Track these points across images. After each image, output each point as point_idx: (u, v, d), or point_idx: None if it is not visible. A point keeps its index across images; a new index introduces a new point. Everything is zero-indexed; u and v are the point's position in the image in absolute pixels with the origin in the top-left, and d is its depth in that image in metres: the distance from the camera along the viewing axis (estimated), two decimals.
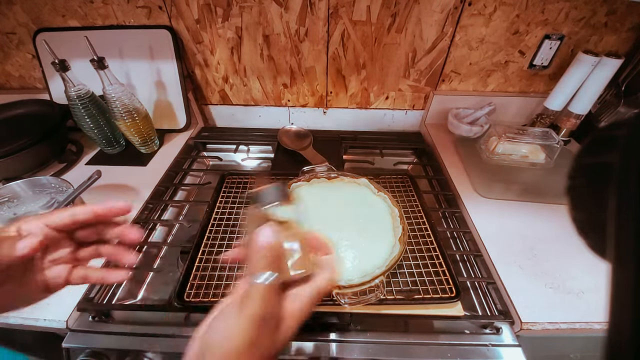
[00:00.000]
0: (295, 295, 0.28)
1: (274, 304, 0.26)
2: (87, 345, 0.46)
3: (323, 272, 0.30)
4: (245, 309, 0.24)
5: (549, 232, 0.60)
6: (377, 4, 0.72)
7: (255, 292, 0.25)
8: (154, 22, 0.78)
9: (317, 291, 0.28)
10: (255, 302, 0.24)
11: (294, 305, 0.27)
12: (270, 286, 0.26)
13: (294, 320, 0.26)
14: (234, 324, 0.24)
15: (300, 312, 0.27)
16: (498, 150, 0.77)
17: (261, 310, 0.24)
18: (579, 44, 0.77)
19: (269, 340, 0.24)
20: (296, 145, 0.86)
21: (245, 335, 0.23)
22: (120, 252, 0.34)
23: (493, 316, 0.50)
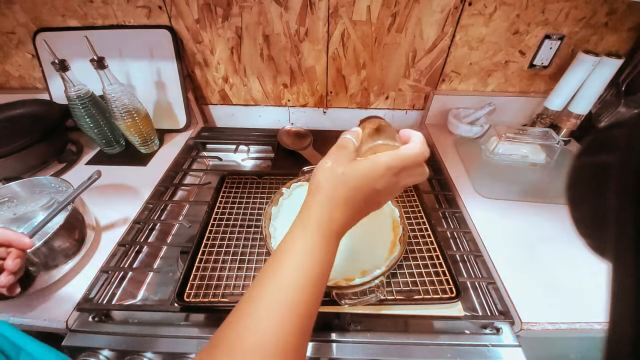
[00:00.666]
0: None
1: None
2: (87, 345, 0.46)
3: (411, 144, 0.33)
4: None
5: (549, 232, 0.60)
6: (377, 4, 0.72)
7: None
8: (154, 22, 0.78)
9: (399, 154, 0.32)
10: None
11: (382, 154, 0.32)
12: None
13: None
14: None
15: (386, 157, 0.32)
16: (498, 150, 0.77)
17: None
18: (579, 44, 0.77)
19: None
20: (296, 145, 0.86)
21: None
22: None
23: (493, 316, 0.50)
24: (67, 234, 0.51)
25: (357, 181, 0.31)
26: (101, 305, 0.51)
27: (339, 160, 0.33)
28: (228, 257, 0.55)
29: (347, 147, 0.34)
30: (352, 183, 0.31)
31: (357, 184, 0.31)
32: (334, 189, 0.31)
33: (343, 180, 0.31)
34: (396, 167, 0.31)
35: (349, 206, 0.31)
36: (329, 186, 0.32)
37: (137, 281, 0.58)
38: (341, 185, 0.31)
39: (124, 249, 0.59)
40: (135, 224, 0.63)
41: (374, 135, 0.35)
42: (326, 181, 0.32)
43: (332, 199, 0.31)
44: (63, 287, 0.52)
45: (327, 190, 0.32)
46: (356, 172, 0.31)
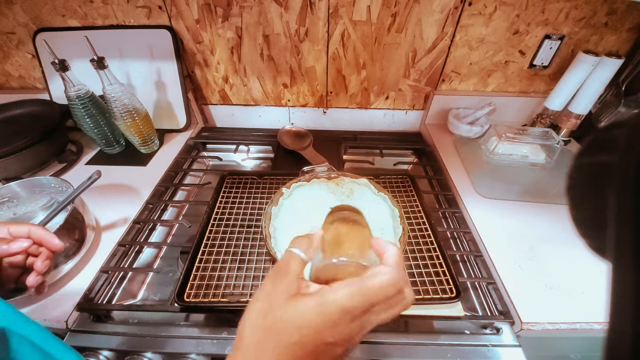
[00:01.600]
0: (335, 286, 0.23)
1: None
2: (87, 345, 0.46)
3: (380, 267, 0.24)
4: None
5: (549, 232, 0.60)
6: (377, 4, 0.72)
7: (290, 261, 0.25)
8: (154, 22, 0.78)
9: (361, 287, 0.23)
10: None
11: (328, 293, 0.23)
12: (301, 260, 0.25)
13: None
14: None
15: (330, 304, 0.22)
16: (498, 150, 0.77)
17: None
18: (579, 44, 0.77)
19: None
20: (296, 145, 0.86)
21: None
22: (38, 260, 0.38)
23: (493, 316, 0.50)
24: (67, 234, 0.51)
25: (296, 333, 0.21)
26: (101, 305, 0.51)
27: (272, 299, 0.23)
28: (228, 257, 0.55)
29: (288, 272, 0.24)
30: (287, 336, 0.22)
31: (296, 338, 0.21)
32: (260, 347, 0.22)
33: (274, 330, 0.22)
34: (357, 309, 0.22)
35: None
36: (253, 344, 0.22)
37: (137, 281, 0.58)
38: (271, 341, 0.22)
39: (124, 249, 0.59)
40: (135, 224, 0.63)
41: (336, 245, 0.26)
42: (250, 334, 0.23)
43: (256, 356, 0.22)
44: (63, 287, 0.52)
45: (251, 345, 0.22)
46: (297, 319, 0.22)
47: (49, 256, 0.38)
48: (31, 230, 0.37)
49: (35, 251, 0.38)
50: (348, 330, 0.22)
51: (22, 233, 0.37)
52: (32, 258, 0.38)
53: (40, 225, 0.38)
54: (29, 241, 0.36)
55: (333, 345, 0.22)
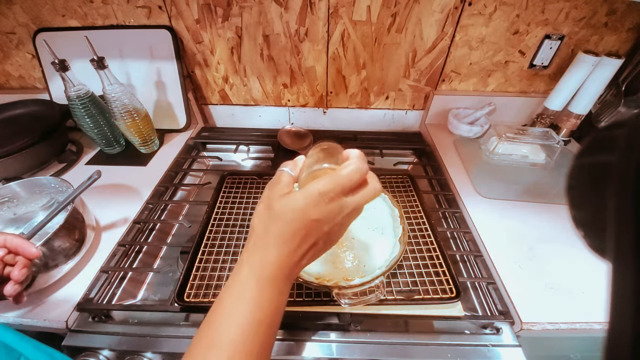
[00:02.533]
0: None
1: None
2: (87, 345, 0.46)
3: (346, 162, 0.30)
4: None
5: (549, 232, 0.60)
6: (377, 4, 0.72)
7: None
8: (154, 22, 0.78)
9: (333, 176, 0.29)
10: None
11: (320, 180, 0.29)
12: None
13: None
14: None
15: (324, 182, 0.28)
16: (498, 150, 0.77)
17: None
18: (579, 44, 0.77)
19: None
20: (296, 145, 0.86)
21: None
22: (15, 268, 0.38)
23: (493, 316, 0.50)
24: (67, 234, 0.51)
25: (288, 215, 0.28)
26: (101, 305, 0.51)
27: (271, 198, 0.30)
28: (228, 257, 0.55)
29: (280, 181, 0.31)
30: (283, 218, 0.28)
31: (288, 218, 0.28)
32: (265, 229, 0.29)
33: (273, 217, 0.29)
34: (331, 191, 0.28)
35: (285, 244, 0.29)
36: (261, 227, 0.30)
37: (137, 281, 0.58)
38: (272, 223, 0.29)
39: (124, 249, 0.59)
40: (135, 224, 0.63)
41: (317, 160, 0.32)
42: (258, 221, 0.30)
43: (263, 240, 0.29)
44: (63, 287, 0.52)
45: (258, 232, 0.30)
46: (287, 206, 0.28)
47: (26, 264, 0.37)
48: (6, 239, 0.37)
49: (11, 260, 0.37)
50: (328, 209, 0.28)
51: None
52: (10, 268, 0.37)
53: (16, 234, 0.38)
54: (3, 251, 0.36)
55: (318, 222, 0.28)
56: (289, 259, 0.29)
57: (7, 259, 0.37)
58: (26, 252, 0.37)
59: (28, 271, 0.38)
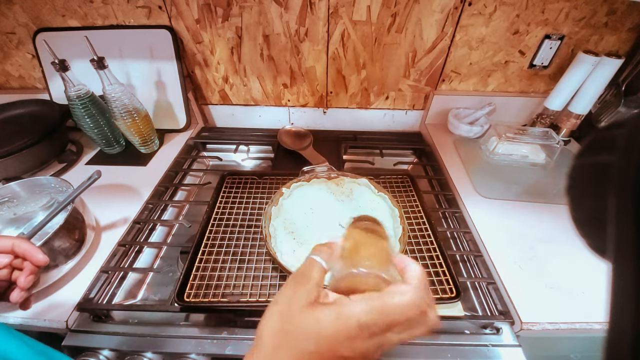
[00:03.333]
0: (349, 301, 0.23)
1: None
2: (87, 345, 0.46)
3: (402, 286, 0.23)
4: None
5: (549, 232, 0.60)
6: (377, 4, 0.72)
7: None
8: (154, 22, 0.78)
9: (381, 305, 0.22)
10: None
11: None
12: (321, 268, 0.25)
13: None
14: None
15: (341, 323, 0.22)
16: (498, 150, 0.77)
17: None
18: (579, 44, 0.77)
19: None
20: (296, 145, 0.86)
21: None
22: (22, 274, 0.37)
23: (493, 316, 0.50)
24: (67, 234, 0.51)
25: (313, 343, 0.22)
26: (101, 305, 0.51)
27: (292, 304, 0.23)
28: (228, 257, 0.55)
29: (309, 280, 0.25)
30: (305, 346, 0.22)
31: (312, 349, 0.22)
32: (275, 349, 0.22)
33: (289, 336, 0.22)
34: (374, 326, 0.22)
35: None
36: (269, 344, 0.23)
37: (137, 281, 0.58)
38: (285, 343, 0.22)
39: (124, 249, 0.59)
40: (135, 224, 0.63)
41: (356, 255, 0.26)
42: (267, 335, 0.23)
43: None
44: (63, 287, 0.52)
45: (266, 350, 0.23)
46: (310, 328, 0.22)
47: (33, 271, 0.37)
48: (14, 243, 0.36)
49: (19, 265, 0.37)
50: (365, 346, 0.22)
51: (5, 247, 0.36)
52: (18, 272, 0.37)
53: (24, 239, 0.38)
54: (9, 257, 0.36)
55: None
56: None
57: (15, 264, 0.37)
58: (34, 258, 0.37)
59: (35, 278, 0.37)
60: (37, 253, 0.37)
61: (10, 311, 0.48)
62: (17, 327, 0.48)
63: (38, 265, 0.37)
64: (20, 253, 0.37)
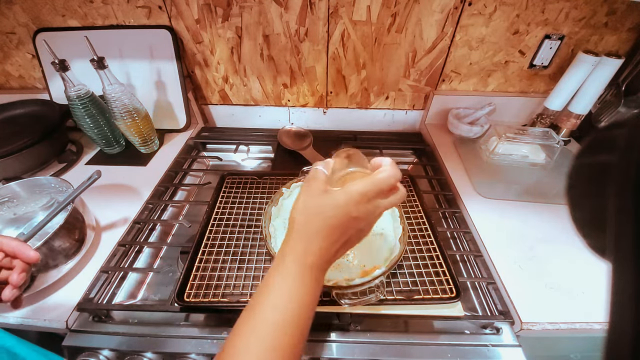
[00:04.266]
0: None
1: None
2: (87, 345, 0.46)
3: (382, 168, 0.33)
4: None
5: (549, 232, 0.60)
6: (377, 4, 0.72)
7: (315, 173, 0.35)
8: (154, 22, 0.78)
9: (372, 179, 0.32)
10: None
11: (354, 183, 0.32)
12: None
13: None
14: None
15: (360, 185, 0.31)
16: (498, 150, 0.77)
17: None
18: (579, 44, 0.77)
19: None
20: (296, 145, 0.86)
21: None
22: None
23: (493, 316, 0.50)
24: (67, 234, 0.51)
25: (331, 211, 0.31)
26: (101, 305, 0.51)
27: (311, 193, 0.33)
28: (228, 257, 0.55)
29: (317, 178, 0.34)
30: (327, 214, 0.31)
31: (331, 214, 0.31)
32: (308, 222, 0.32)
33: (317, 212, 0.32)
34: (370, 192, 0.31)
35: (326, 237, 0.32)
36: (303, 220, 0.33)
37: (137, 281, 0.58)
38: (315, 217, 0.32)
39: (124, 249, 0.59)
40: (135, 224, 0.63)
41: (345, 164, 0.36)
42: (300, 215, 0.33)
43: (305, 232, 0.32)
44: (63, 287, 0.52)
45: (301, 224, 0.33)
46: (330, 203, 0.31)
47: (24, 268, 0.37)
48: (3, 242, 0.36)
49: (8, 264, 0.37)
50: (365, 208, 0.31)
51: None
52: (6, 271, 0.37)
53: (13, 237, 0.37)
54: (0, 255, 0.36)
55: (357, 220, 0.32)
56: (327, 251, 0.32)
57: (4, 263, 0.36)
58: (24, 256, 0.37)
59: (27, 275, 0.37)
60: (28, 250, 0.37)
61: (9, 311, 0.48)
62: (17, 327, 0.48)
63: (29, 262, 0.37)
64: (10, 251, 0.36)
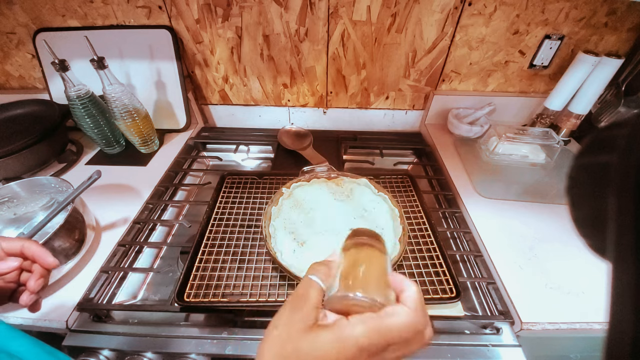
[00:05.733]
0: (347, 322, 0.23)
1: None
2: (87, 345, 0.46)
3: (398, 307, 0.24)
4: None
5: (549, 232, 0.60)
6: (377, 4, 0.72)
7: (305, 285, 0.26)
8: (154, 22, 0.78)
9: (379, 326, 0.23)
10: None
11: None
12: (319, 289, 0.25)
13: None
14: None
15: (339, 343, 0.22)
16: (498, 150, 0.77)
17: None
18: (579, 44, 0.77)
19: None
20: (296, 145, 0.86)
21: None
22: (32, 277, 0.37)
23: (493, 316, 0.50)
24: (67, 234, 0.51)
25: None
26: (101, 305, 0.51)
27: (291, 328, 0.24)
28: (228, 257, 0.55)
29: (307, 300, 0.25)
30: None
31: None
32: None
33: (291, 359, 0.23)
34: (373, 347, 0.22)
35: None
36: None
37: (137, 281, 0.58)
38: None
39: (124, 249, 0.59)
40: (135, 224, 0.63)
41: (354, 275, 0.26)
42: (269, 358, 0.24)
43: None
44: (63, 287, 0.52)
45: None
46: (312, 354, 0.22)
47: (43, 274, 0.36)
48: (24, 246, 0.36)
49: (28, 267, 0.37)
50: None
51: (15, 249, 0.36)
52: (26, 274, 0.37)
53: (34, 241, 0.37)
54: (19, 261, 0.35)
55: None
56: None
57: (24, 265, 0.36)
58: (44, 261, 0.36)
59: (45, 281, 0.37)
60: (48, 256, 0.36)
61: (10, 310, 0.48)
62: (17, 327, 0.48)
63: (48, 269, 0.37)
64: (30, 255, 0.36)
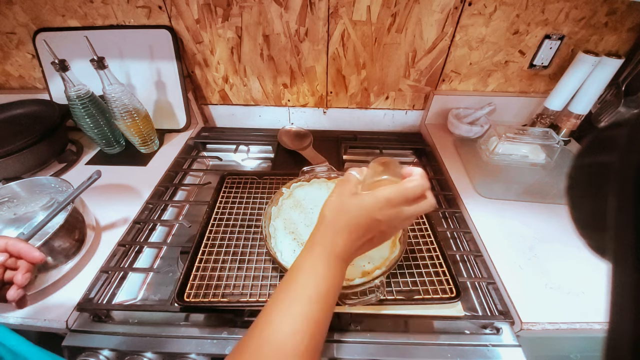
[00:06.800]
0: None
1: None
2: (87, 345, 0.46)
3: (411, 177, 0.35)
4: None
5: (549, 232, 0.60)
6: (377, 4, 0.72)
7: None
8: (154, 22, 0.78)
9: (399, 187, 0.34)
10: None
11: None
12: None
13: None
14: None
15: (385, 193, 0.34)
16: (498, 150, 0.77)
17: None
18: (579, 44, 0.77)
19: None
20: (296, 145, 0.86)
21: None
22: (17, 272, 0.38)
23: (493, 316, 0.50)
24: (67, 234, 0.51)
25: (357, 211, 0.34)
26: (101, 305, 0.51)
27: (342, 193, 0.37)
28: (228, 257, 0.55)
29: (349, 180, 0.38)
30: (353, 213, 0.35)
31: (357, 214, 0.34)
32: (336, 218, 0.36)
33: (344, 210, 0.35)
34: (395, 199, 0.34)
35: (351, 233, 0.35)
36: (332, 216, 0.36)
37: (137, 281, 0.58)
38: (342, 214, 0.35)
39: (124, 249, 0.59)
40: (135, 224, 0.63)
41: (378, 172, 0.38)
42: (330, 211, 0.37)
43: (334, 226, 0.35)
44: (63, 287, 0.52)
45: (330, 219, 0.36)
46: (358, 204, 0.35)
47: (29, 269, 0.37)
48: (8, 243, 0.37)
49: (13, 264, 0.37)
50: (389, 212, 0.34)
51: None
52: (11, 272, 0.37)
53: (18, 238, 0.38)
54: (4, 256, 0.36)
55: (379, 222, 0.34)
56: (351, 246, 0.35)
57: (9, 263, 0.37)
58: (29, 256, 0.37)
59: (31, 275, 0.37)
60: (33, 251, 0.37)
61: (10, 311, 0.48)
62: (17, 327, 0.48)
63: (34, 263, 0.37)
64: (15, 252, 0.37)
